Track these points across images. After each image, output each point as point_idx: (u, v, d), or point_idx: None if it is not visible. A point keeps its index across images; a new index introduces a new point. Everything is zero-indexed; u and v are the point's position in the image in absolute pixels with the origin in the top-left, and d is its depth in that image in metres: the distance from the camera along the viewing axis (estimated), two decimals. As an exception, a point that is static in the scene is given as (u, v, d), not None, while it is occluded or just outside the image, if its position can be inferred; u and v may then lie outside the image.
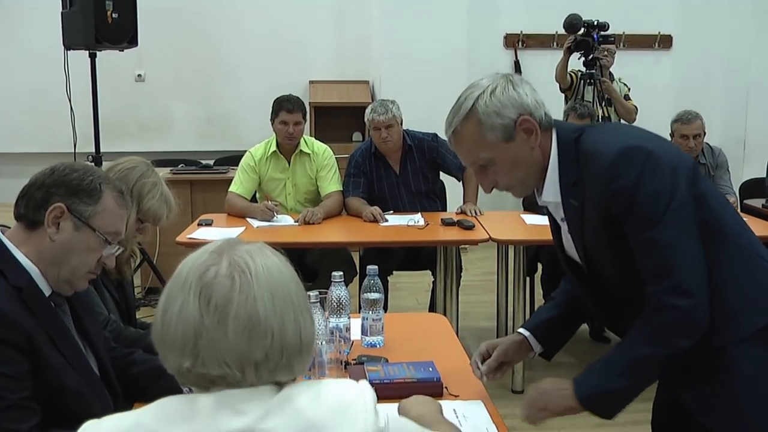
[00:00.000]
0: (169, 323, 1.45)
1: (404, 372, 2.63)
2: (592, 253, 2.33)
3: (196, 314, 1.43)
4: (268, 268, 1.49)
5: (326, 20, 8.91)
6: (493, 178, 2.31)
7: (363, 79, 8.92)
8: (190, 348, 1.43)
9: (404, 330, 3.25)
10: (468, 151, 2.31)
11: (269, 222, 5.35)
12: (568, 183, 2.27)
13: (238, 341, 1.43)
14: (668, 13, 9.07)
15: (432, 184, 5.97)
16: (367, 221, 5.45)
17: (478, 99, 2.23)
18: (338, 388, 1.51)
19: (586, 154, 2.25)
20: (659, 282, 2.15)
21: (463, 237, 5.25)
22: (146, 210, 3.13)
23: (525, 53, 9.01)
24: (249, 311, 1.43)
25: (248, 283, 1.45)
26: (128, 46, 6.52)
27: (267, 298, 1.45)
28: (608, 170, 2.15)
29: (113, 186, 2.26)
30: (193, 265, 1.48)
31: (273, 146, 5.75)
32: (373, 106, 5.71)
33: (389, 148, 5.72)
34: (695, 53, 9.06)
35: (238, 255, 1.48)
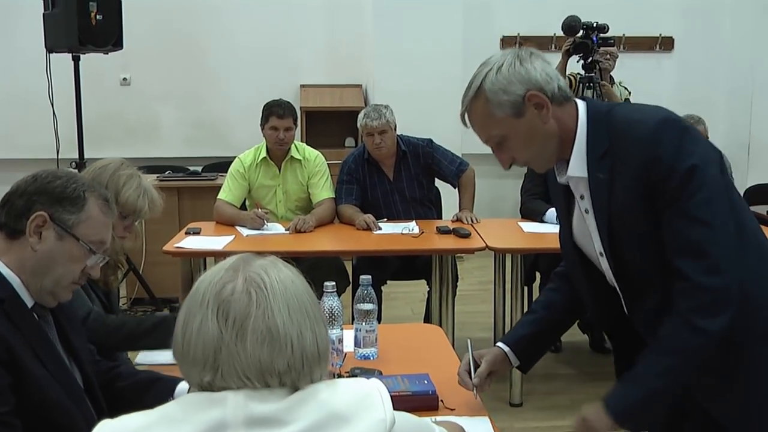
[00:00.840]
0: (189, 340, 1.53)
1: (399, 385, 2.63)
2: (618, 231, 2.30)
3: (215, 331, 1.51)
4: (282, 281, 1.57)
5: (317, 23, 8.91)
6: (510, 155, 2.32)
7: (356, 83, 8.91)
8: (210, 363, 1.51)
9: (399, 341, 3.26)
10: (480, 130, 2.33)
11: (259, 230, 5.35)
12: (597, 155, 2.28)
13: (257, 354, 1.51)
14: (670, 14, 9.10)
15: (427, 191, 5.97)
16: (360, 229, 5.45)
17: (486, 77, 2.26)
18: (354, 382, 1.62)
19: (620, 124, 2.27)
20: (694, 259, 2.16)
21: (459, 245, 5.25)
22: (124, 202, 3.10)
23: (523, 56, 9.03)
24: (267, 324, 1.52)
25: (264, 297, 1.53)
26: (113, 49, 6.52)
27: (284, 310, 1.54)
28: (649, 137, 2.18)
29: (98, 194, 2.25)
30: (210, 282, 1.56)
31: (263, 152, 5.75)
32: (366, 111, 5.71)
33: (383, 155, 5.73)
34: (698, 56, 9.09)
35: (253, 271, 1.56)
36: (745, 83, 9.03)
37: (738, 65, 8.97)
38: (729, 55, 8.95)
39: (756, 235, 2.32)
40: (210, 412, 1.49)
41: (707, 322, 2.14)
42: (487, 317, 5.93)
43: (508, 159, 2.33)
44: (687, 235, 2.16)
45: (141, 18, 7.89)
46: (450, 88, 8.31)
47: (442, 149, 5.92)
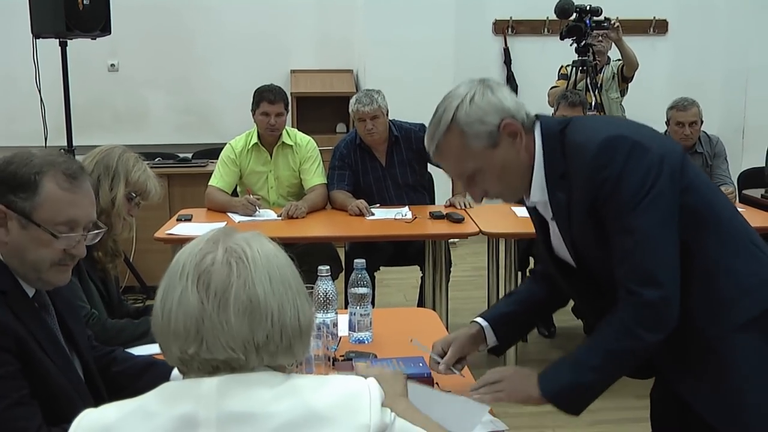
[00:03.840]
0: (169, 313, 1.52)
1: (394, 367, 2.66)
2: (581, 247, 2.37)
3: (196, 301, 1.50)
4: (265, 252, 1.57)
5: (308, 7, 8.91)
6: (483, 188, 2.35)
7: (347, 68, 8.93)
8: (193, 335, 1.50)
9: (393, 325, 3.29)
10: (454, 164, 2.34)
11: (251, 216, 5.38)
12: (555, 176, 2.30)
13: (240, 324, 1.50)
14: (664, -4, 9.13)
15: (420, 176, 6.01)
16: (352, 215, 5.49)
17: (458, 109, 2.26)
18: (345, 381, 1.59)
19: (571, 147, 2.29)
20: (630, 271, 2.22)
21: (453, 230, 5.30)
22: (135, 181, 3.24)
23: (515, 40, 9.07)
24: (248, 294, 1.51)
25: (245, 268, 1.53)
26: (101, 35, 6.52)
27: (265, 281, 1.53)
28: (593, 160, 2.20)
29: (57, 170, 2.15)
30: (189, 254, 1.55)
31: (254, 138, 5.78)
32: (358, 96, 5.74)
33: (375, 140, 5.76)
34: (692, 39, 9.12)
35: (235, 242, 1.56)
36: (739, 67, 9.08)
37: (733, 48, 9.01)
38: (724, 38, 8.99)
39: (731, 225, 2.35)
40: (183, 405, 1.48)
41: (648, 334, 2.21)
42: (481, 303, 5.97)
43: (480, 192, 2.37)
44: (627, 248, 2.21)
45: (129, 3, 7.88)
46: (442, 72, 8.40)
47: (435, 133, 5.92)
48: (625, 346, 2.24)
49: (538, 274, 2.81)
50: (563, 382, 2.31)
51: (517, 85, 9.02)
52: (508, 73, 9.09)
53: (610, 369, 2.30)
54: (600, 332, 2.31)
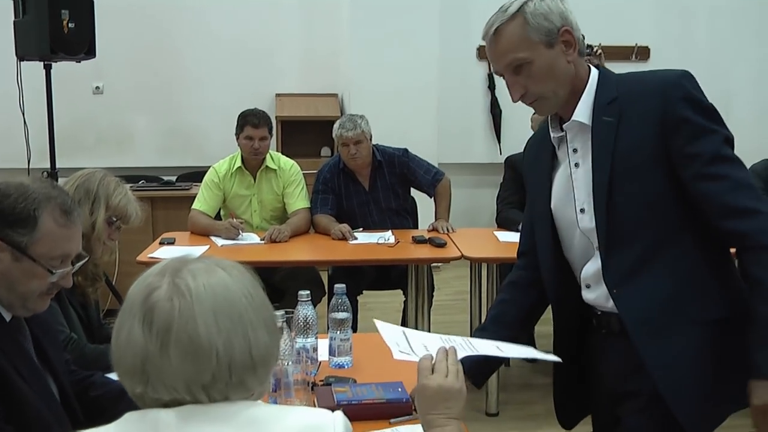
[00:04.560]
0: (119, 349, 1.48)
1: (373, 393, 2.67)
2: (618, 173, 2.35)
3: (141, 340, 1.45)
4: (212, 286, 1.50)
5: (293, 31, 8.95)
6: (525, 84, 2.35)
7: (332, 92, 8.97)
8: (139, 374, 1.46)
9: (373, 350, 3.28)
10: (507, 50, 2.34)
11: (234, 240, 5.38)
12: (603, 102, 2.36)
13: (182, 365, 1.45)
14: (645, 24, 9.20)
15: (403, 200, 6.02)
16: (335, 239, 5.49)
17: (525, 3, 2.33)
18: (308, 413, 1.55)
19: (634, 76, 2.43)
20: (743, 192, 2.26)
21: (435, 255, 5.31)
22: (116, 206, 3.26)
23: (500, 65, 9.09)
24: (190, 333, 1.45)
25: (188, 305, 1.46)
26: (85, 57, 6.51)
27: (209, 318, 1.46)
28: (677, 79, 2.30)
29: (54, 204, 2.15)
30: (139, 288, 1.50)
31: (238, 162, 5.79)
32: (341, 121, 5.76)
33: (358, 165, 5.77)
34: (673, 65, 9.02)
35: (180, 276, 1.50)
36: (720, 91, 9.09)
37: (713, 73, 8.99)
38: (704, 64, 8.99)
39: None
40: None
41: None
42: (464, 327, 5.96)
43: (521, 88, 2.37)
44: (734, 174, 2.28)
45: (114, 26, 7.88)
46: (427, 96, 8.45)
47: (417, 159, 5.97)
48: None
49: (511, 285, 2.79)
50: None
51: (501, 110, 9.06)
52: (492, 99, 9.13)
53: None
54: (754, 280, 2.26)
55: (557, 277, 2.58)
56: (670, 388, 2.32)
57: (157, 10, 8.71)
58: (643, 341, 2.34)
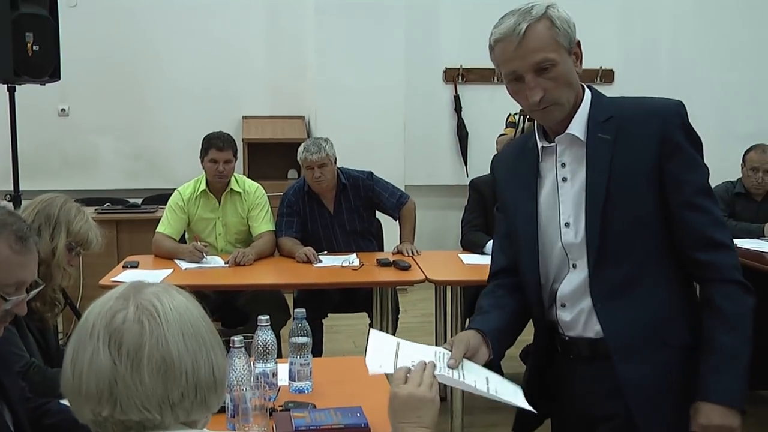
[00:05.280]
0: (80, 374, 1.48)
1: (331, 418, 2.67)
2: (616, 190, 2.34)
3: (108, 362, 1.47)
4: (176, 308, 1.54)
5: (259, 54, 8.95)
6: (546, 86, 2.29)
7: (298, 115, 8.96)
8: (106, 396, 1.47)
9: (334, 375, 3.29)
10: (537, 48, 2.27)
11: (198, 264, 5.36)
12: (599, 120, 2.36)
13: (154, 384, 1.47)
14: (609, 48, 9.26)
15: (367, 223, 6.03)
16: (300, 262, 5.48)
17: (549, 8, 2.31)
18: None
19: (630, 99, 2.47)
20: (720, 228, 2.36)
21: (399, 278, 5.31)
22: (77, 232, 3.24)
23: (465, 87, 9.16)
24: (162, 353, 1.48)
25: (158, 325, 1.50)
26: (50, 80, 6.48)
27: (178, 338, 1.51)
28: (676, 107, 2.37)
29: (9, 232, 2.11)
30: (99, 312, 1.52)
31: (203, 185, 5.78)
32: (306, 144, 5.76)
33: (323, 188, 5.77)
34: (636, 87, 9.23)
35: (145, 298, 1.53)
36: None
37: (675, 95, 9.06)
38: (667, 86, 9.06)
39: None
40: None
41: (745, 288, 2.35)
42: (430, 350, 5.97)
43: (541, 91, 2.29)
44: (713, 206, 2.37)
45: (79, 48, 7.87)
46: (393, 119, 8.48)
47: (382, 182, 5.98)
48: (748, 303, 2.33)
49: (490, 294, 2.62)
50: (736, 380, 2.31)
51: (467, 132, 9.11)
52: (458, 120, 9.17)
53: (749, 332, 2.32)
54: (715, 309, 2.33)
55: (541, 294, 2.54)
56: (643, 410, 2.34)
57: (123, 33, 8.67)
58: (621, 359, 2.35)
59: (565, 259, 2.44)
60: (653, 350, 2.36)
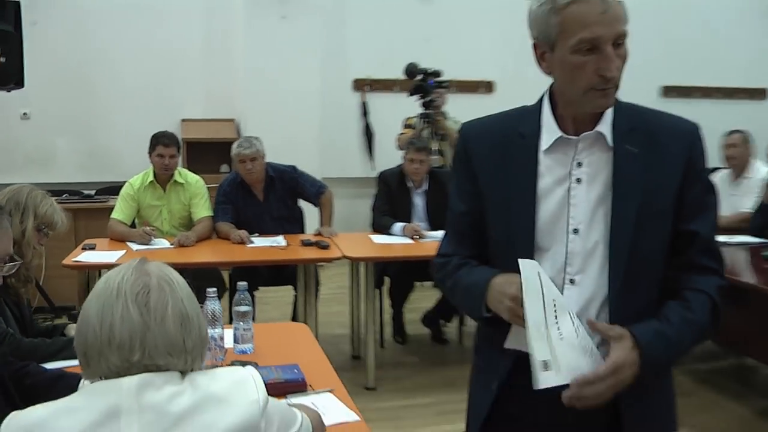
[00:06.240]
0: (111, 327, 1.51)
1: (273, 374, 2.64)
2: (646, 211, 1.84)
3: (138, 317, 1.52)
4: (180, 280, 1.63)
5: (196, 64, 8.77)
6: (618, 65, 1.76)
7: (229, 117, 8.83)
8: (137, 345, 1.51)
9: (271, 338, 3.26)
10: (621, 17, 1.75)
11: (147, 245, 5.26)
12: (624, 128, 1.86)
13: (176, 334, 1.55)
14: (490, 61, 9.32)
15: (292, 209, 5.99)
16: (235, 243, 5.42)
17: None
18: (230, 370, 1.63)
19: (648, 112, 1.92)
20: (713, 255, 1.90)
21: (321, 255, 5.27)
22: (44, 214, 3.18)
23: (371, 95, 9.14)
24: (180, 310, 1.57)
25: (173, 291, 1.58)
26: (15, 87, 6.31)
27: (188, 301, 1.60)
28: (698, 131, 1.89)
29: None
30: (122, 279, 1.57)
31: (150, 177, 5.67)
32: (239, 141, 5.71)
33: (254, 179, 5.72)
34: (514, 96, 9.23)
35: (161, 270, 1.62)
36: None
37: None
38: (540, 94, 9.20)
39: None
40: (106, 399, 1.48)
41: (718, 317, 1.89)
42: (345, 317, 5.98)
43: (618, 65, 1.76)
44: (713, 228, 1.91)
45: (40, 59, 7.68)
46: (309, 122, 8.46)
47: (305, 174, 5.96)
48: (711, 322, 1.87)
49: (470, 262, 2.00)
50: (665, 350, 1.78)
51: (373, 133, 9.10)
52: (365, 123, 9.16)
53: (696, 339, 1.87)
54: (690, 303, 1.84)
55: None
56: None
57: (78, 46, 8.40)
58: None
59: (561, 269, 1.88)
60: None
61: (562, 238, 1.88)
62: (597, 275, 1.87)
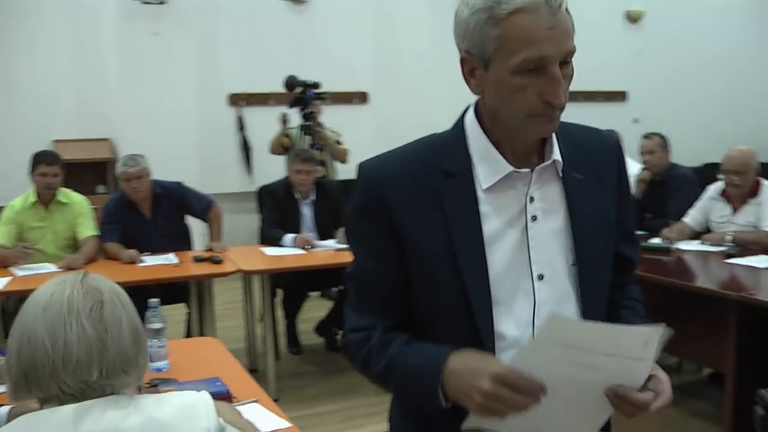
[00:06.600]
0: (68, 347, 1.44)
1: (198, 388, 2.61)
2: (603, 243, 1.66)
3: (94, 334, 1.46)
4: (126, 294, 1.58)
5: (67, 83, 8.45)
6: (564, 87, 1.48)
7: (104, 137, 8.56)
8: (95, 363, 1.45)
9: (184, 354, 3.24)
10: (569, 33, 1.46)
11: (34, 271, 5.07)
12: (567, 153, 1.62)
13: (131, 350, 1.51)
14: (363, 73, 9.40)
15: (180, 226, 5.91)
16: (125, 263, 5.31)
17: None
18: (180, 395, 1.55)
19: (571, 128, 1.67)
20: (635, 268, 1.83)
21: (216, 270, 5.22)
22: None
23: (247, 110, 9.06)
24: (132, 325, 1.53)
25: (125, 305, 1.54)
26: None
27: (136, 316, 1.56)
28: (617, 141, 1.74)
29: None
30: (72, 294, 1.49)
31: (32, 197, 5.49)
32: (124, 159, 5.60)
33: (140, 197, 5.61)
34: (387, 106, 9.45)
35: (109, 284, 1.56)
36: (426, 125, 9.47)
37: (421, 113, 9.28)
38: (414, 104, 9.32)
39: None
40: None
41: None
42: (240, 331, 5.93)
43: (565, 88, 1.48)
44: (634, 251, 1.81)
45: None
46: (187, 137, 8.37)
47: (191, 190, 5.90)
48: None
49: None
50: None
51: (250, 147, 9.02)
52: (242, 138, 9.07)
53: None
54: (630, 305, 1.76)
55: None
56: None
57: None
58: None
59: (528, 323, 1.58)
60: None
61: (525, 287, 1.58)
62: None
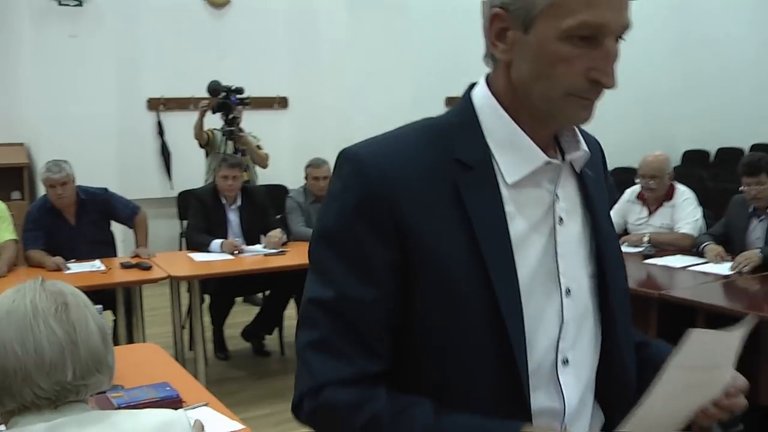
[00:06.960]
0: (40, 350, 1.45)
1: (147, 394, 2.62)
2: (616, 244, 1.44)
3: (64, 335, 1.47)
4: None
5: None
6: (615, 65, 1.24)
7: (19, 142, 8.34)
8: (69, 363, 1.47)
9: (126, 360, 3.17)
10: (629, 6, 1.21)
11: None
12: None
13: (101, 349, 1.53)
14: (283, 78, 9.36)
15: (105, 233, 5.82)
16: (50, 271, 5.19)
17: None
18: (157, 413, 1.56)
19: None
20: None
21: (145, 277, 5.16)
22: None
23: (166, 115, 8.95)
24: (98, 324, 1.56)
25: (88, 306, 1.57)
26: None
27: (97, 315, 1.58)
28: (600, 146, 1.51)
29: None
30: (35, 298, 1.50)
31: (-53, 204, 5.33)
32: (48, 165, 5.47)
33: (64, 203, 5.50)
34: (307, 111, 9.44)
35: (69, 287, 1.58)
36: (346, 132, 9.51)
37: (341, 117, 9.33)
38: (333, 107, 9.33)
39: None
40: None
41: None
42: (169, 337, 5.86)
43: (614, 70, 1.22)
44: None
45: None
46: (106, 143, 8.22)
47: (116, 196, 5.82)
48: None
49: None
50: None
51: (170, 152, 8.91)
52: (162, 143, 8.95)
53: None
54: None
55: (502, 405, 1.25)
56: None
57: None
58: None
59: (553, 347, 1.29)
60: None
61: (554, 304, 1.29)
62: (586, 349, 1.35)
